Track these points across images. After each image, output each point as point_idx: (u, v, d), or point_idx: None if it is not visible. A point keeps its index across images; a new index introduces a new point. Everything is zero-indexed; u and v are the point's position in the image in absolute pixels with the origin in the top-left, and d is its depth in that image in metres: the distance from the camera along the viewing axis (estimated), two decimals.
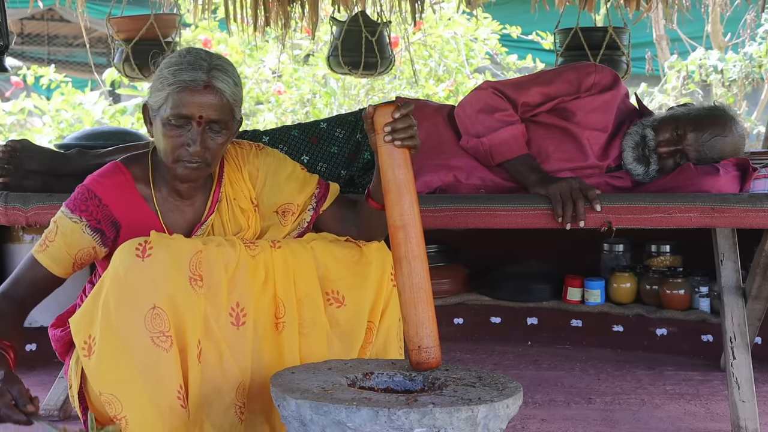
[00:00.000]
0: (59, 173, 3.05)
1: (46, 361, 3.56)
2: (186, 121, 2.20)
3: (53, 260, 2.28)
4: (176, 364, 2.12)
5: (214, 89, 2.20)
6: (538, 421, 2.99)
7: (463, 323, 4.05)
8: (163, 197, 2.32)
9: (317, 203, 2.41)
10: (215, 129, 2.22)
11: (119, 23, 4.27)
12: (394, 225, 2.08)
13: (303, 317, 2.26)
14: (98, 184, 2.30)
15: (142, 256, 2.12)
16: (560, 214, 2.71)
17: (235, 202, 2.37)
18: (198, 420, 2.15)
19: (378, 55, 4.71)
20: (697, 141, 2.95)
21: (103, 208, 2.27)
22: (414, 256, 2.06)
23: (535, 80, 3.12)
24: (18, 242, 3.68)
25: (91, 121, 7.43)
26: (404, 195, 2.08)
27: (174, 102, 2.19)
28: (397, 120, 2.08)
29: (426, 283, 2.06)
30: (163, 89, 2.21)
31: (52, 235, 2.28)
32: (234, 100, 2.24)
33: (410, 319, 2.05)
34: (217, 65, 2.23)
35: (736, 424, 2.78)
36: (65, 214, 2.28)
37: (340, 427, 1.80)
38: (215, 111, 2.20)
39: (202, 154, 2.21)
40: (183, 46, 5.69)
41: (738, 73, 8.08)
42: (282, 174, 2.41)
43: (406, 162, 2.10)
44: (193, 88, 2.19)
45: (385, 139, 2.09)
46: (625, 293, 3.95)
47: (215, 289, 2.17)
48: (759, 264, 2.92)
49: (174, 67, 2.22)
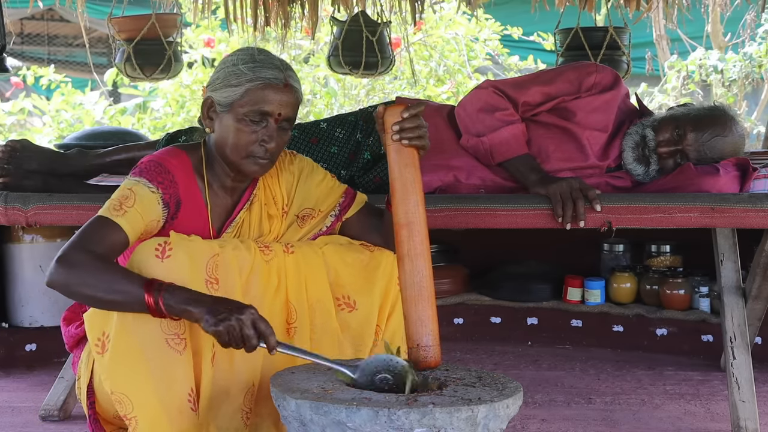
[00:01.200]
0: (59, 173, 3.05)
1: (46, 361, 3.56)
2: (263, 118, 2.23)
3: (131, 225, 2.18)
4: (189, 367, 2.13)
5: (292, 88, 2.26)
6: (538, 421, 2.99)
7: (463, 323, 4.05)
8: (213, 191, 2.34)
9: (340, 211, 2.44)
10: (285, 127, 2.28)
11: (120, 23, 4.28)
12: (399, 223, 2.10)
13: (314, 323, 2.29)
14: (167, 161, 2.28)
15: (161, 256, 2.12)
16: (560, 214, 2.71)
17: (265, 207, 2.38)
18: (205, 423, 2.16)
19: (378, 55, 4.71)
20: (697, 141, 2.95)
21: (174, 184, 2.26)
22: (417, 254, 2.07)
23: (536, 80, 3.12)
24: (18, 242, 3.68)
25: (91, 121, 7.43)
26: (410, 194, 2.10)
27: (254, 98, 2.22)
28: (406, 120, 2.11)
29: (428, 281, 2.07)
30: (241, 85, 2.22)
31: (131, 202, 2.19)
32: (301, 99, 2.31)
33: (410, 316, 2.05)
34: (287, 65, 2.30)
35: (736, 424, 2.78)
36: (143, 184, 2.22)
37: (340, 427, 1.80)
38: (291, 109, 2.26)
39: (275, 150, 2.26)
40: (184, 47, 5.71)
41: (738, 73, 8.08)
42: (313, 180, 2.44)
43: (414, 161, 2.12)
44: (276, 85, 2.23)
45: (393, 138, 2.12)
46: (625, 293, 3.95)
47: (230, 292, 2.17)
48: (759, 264, 2.92)
49: (251, 64, 2.24)
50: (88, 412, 2.29)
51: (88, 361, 2.28)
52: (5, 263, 3.73)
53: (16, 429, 2.92)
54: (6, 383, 3.39)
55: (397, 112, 2.12)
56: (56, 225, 3.17)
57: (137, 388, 2.11)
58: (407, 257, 2.07)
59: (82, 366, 2.31)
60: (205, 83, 2.33)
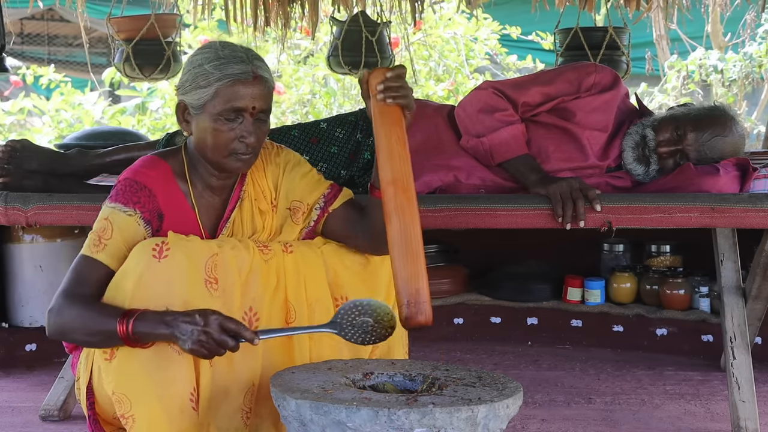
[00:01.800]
0: (59, 173, 3.05)
1: (46, 361, 3.56)
2: (238, 114, 2.21)
3: (113, 257, 2.21)
4: (189, 367, 2.13)
5: (262, 79, 2.22)
6: (538, 421, 2.99)
7: (463, 323, 4.05)
8: (198, 193, 2.32)
9: (325, 203, 2.40)
10: (262, 118, 2.25)
11: (119, 23, 4.28)
12: (385, 180, 2.09)
13: (314, 322, 2.28)
14: (143, 175, 2.27)
15: (158, 256, 2.12)
16: (560, 214, 2.71)
17: (255, 202, 2.37)
18: (205, 423, 2.16)
19: (378, 55, 4.71)
20: (697, 141, 2.95)
21: (152, 198, 2.25)
22: (404, 211, 2.05)
23: (536, 80, 3.12)
24: (18, 242, 3.68)
25: (91, 121, 7.43)
26: (395, 151, 2.10)
27: (225, 97, 2.19)
28: (390, 78, 2.14)
29: (416, 238, 2.04)
30: (210, 85, 2.20)
31: (108, 233, 2.21)
32: (273, 87, 2.28)
33: (398, 273, 2.02)
34: (255, 55, 2.25)
35: (736, 424, 2.78)
36: (118, 209, 2.23)
37: (340, 427, 1.80)
38: (264, 100, 2.23)
39: (256, 144, 2.24)
40: (183, 47, 5.69)
41: (738, 73, 8.08)
42: (298, 172, 2.42)
43: (399, 120, 2.13)
44: (245, 80, 2.20)
45: (377, 98, 2.14)
46: (625, 293, 3.95)
47: (229, 292, 2.17)
48: (759, 264, 2.92)
49: (216, 62, 2.20)
50: (88, 413, 2.29)
51: (87, 363, 2.28)
52: (5, 263, 3.73)
53: (16, 429, 2.92)
54: (6, 383, 3.39)
55: (381, 73, 2.17)
56: (56, 225, 3.17)
57: (136, 388, 2.11)
58: (394, 213, 2.05)
59: (81, 367, 2.31)
60: (176, 85, 2.31)
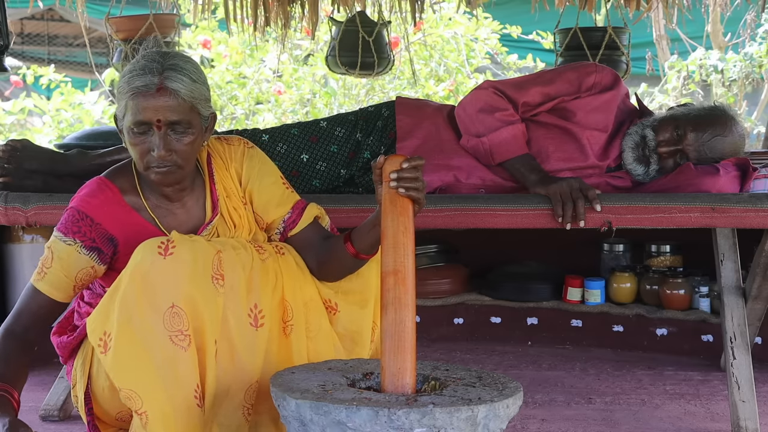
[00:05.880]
0: (59, 173, 3.05)
1: (46, 361, 3.55)
2: (147, 128, 2.17)
3: (53, 286, 2.26)
4: (194, 363, 2.13)
5: (168, 90, 2.16)
6: (538, 421, 2.99)
7: (463, 323, 4.05)
8: (154, 204, 2.31)
9: (285, 228, 2.38)
10: (179, 130, 2.19)
11: (118, 23, 4.27)
12: (386, 270, 2.00)
13: (310, 321, 2.29)
14: (86, 203, 2.27)
15: (164, 254, 2.11)
16: (560, 214, 2.71)
17: (228, 200, 2.36)
18: (209, 419, 2.16)
19: (375, 55, 4.70)
20: (697, 141, 2.95)
21: (96, 226, 2.25)
22: (402, 304, 1.97)
23: (536, 80, 3.12)
24: (18, 242, 3.68)
25: (91, 121, 7.43)
26: (401, 242, 2.01)
27: (132, 110, 2.17)
28: (405, 169, 2.06)
29: (409, 333, 1.96)
30: (122, 98, 2.19)
31: (49, 262, 2.26)
32: (193, 97, 2.19)
33: (387, 367, 1.95)
34: (171, 65, 2.18)
35: (736, 424, 2.78)
36: (58, 238, 2.26)
37: (340, 427, 1.80)
38: (172, 112, 2.17)
39: (168, 157, 2.19)
40: (183, 47, 5.70)
41: (738, 73, 8.08)
42: (267, 179, 2.39)
43: (408, 212, 2.06)
44: (146, 93, 2.15)
45: (390, 185, 2.06)
46: (625, 293, 3.95)
47: (236, 288, 2.17)
48: (759, 264, 2.92)
49: (128, 75, 2.19)
50: (87, 419, 2.29)
51: (83, 368, 2.28)
52: (5, 263, 3.73)
53: None
54: None
55: (398, 161, 2.08)
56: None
57: (145, 384, 2.10)
58: (391, 305, 1.97)
59: (77, 373, 2.31)
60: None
